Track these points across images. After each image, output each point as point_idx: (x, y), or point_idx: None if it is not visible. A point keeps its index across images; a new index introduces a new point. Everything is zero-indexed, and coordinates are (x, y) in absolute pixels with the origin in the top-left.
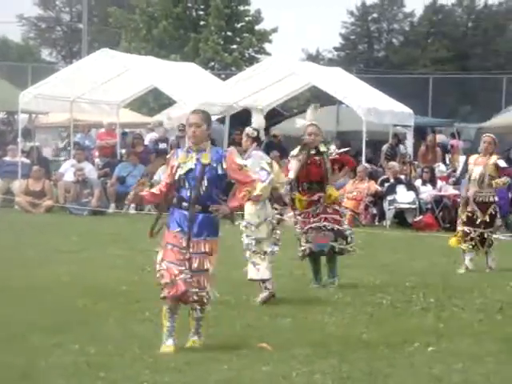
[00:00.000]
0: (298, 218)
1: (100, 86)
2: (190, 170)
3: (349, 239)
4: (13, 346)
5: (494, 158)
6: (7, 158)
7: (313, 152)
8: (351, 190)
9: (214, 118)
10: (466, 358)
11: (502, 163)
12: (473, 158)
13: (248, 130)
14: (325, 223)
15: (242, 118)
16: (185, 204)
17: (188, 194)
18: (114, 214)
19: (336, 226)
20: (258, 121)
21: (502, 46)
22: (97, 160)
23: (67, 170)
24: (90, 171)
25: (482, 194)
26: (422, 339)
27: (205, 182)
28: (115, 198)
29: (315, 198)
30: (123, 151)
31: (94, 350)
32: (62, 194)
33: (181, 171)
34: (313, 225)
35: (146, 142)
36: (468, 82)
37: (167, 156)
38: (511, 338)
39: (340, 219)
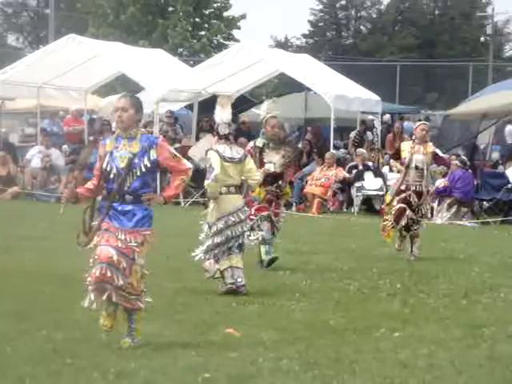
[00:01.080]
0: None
1: (67, 71)
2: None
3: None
4: None
5: (431, 147)
6: None
7: (271, 145)
8: (319, 177)
9: (182, 104)
10: (431, 343)
11: (439, 152)
12: (407, 144)
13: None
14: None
15: (210, 105)
16: (113, 194)
17: (116, 185)
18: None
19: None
20: (222, 113)
21: (469, 34)
22: (64, 146)
23: (34, 157)
24: (58, 157)
25: (420, 182)
26: (388, 325)
27: (136, 172)
28: (83, 185)
29: (268, 189)
30: (91, 138)
31: (61, 336)
32: (28, 180)
33: (116, 162)
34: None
35: (114, 129)
36: (435, 70)
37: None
38: (476, 323)
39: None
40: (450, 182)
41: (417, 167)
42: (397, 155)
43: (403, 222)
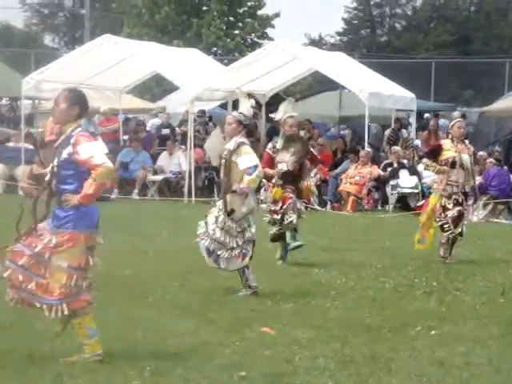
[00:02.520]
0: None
1: (103, 71)
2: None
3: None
4: (17, 331)
5: (470, 146)
6: (10, 144)
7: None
8: (354, 175)
9: (216, 103)
10: (468, 342)
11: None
12: (448, 143)
13: (236, 114)
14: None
15: None
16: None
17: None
18: (117, 200)
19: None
20: (246, 106)
21: (505, 30)
22: None
23: None
24: None
25: (466, 182)
26: (424, 323)
27: (58, 169)
28: (118, 184)
29: (289, 187)
30: (126, 137)
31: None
32: None
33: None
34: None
35: (149, 128)
36: (470, 67)
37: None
38: None
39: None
40: (486, 180)
41: (462, 166)
42: (431, 154)
43: (459, 229)
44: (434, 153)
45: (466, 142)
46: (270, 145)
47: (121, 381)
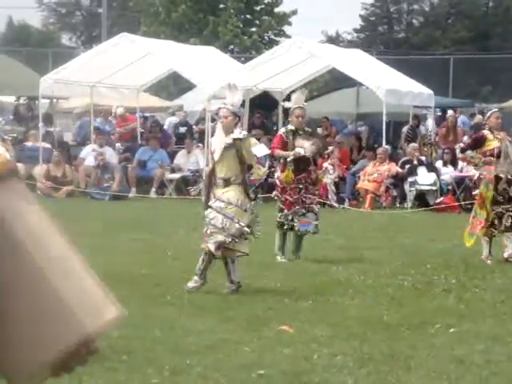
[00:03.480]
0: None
1: (120, 70)
2: None
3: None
4: None
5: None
6: (28, 144)
7: (300, 133)
8: (372, 172)
9: None
10: (487, 339)
11: None
12: (490, 134)
13: (230, 107)
14: (310, 205)
15: (261, 102)
16: None
17: None
18: (134, 199)
19: (316, 207)
20: (234, 98)
21: None
22: (117, 144)
23: (88, 155)
24: (111, 156)
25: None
26: (443, 320)
27: None
28: (136, 183)
29: (301, 177)
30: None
31: (117, 333)
32: (82, 178)
33: None
34: (299, 207)
35: (166, 127)
36: (489, 63)
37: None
38: None
39: (318, 200)
40: None
41: (506, 155)
42: (474, 145)
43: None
44: (478, 144)
45: (502, 132)
46: (283, 129)
47: (140, 379)
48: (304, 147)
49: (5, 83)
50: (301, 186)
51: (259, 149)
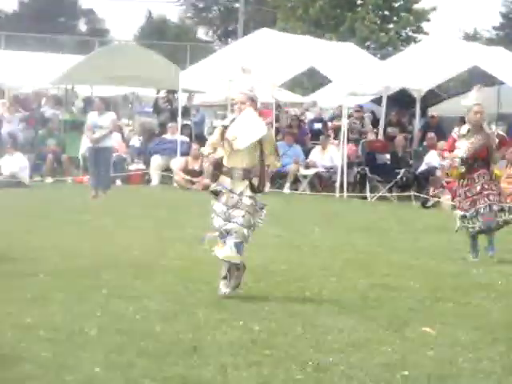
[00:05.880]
0: (461, 193)
1: (258, 65)
2: None
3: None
4: (181, 321)
5: None
6: (167, 136)
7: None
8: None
9: (368, 98)
10: None
11: None
12: None
13: (247, 91)
14: (490, 202)
15: (399, 99)
16: None
17: None
18: (269, 194)
19: (498, 203)
20: (249, 82)
21: None
22: None
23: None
24: None
25: None
26: None
27: None
28: (271, 178)
29: (480, 173)
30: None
31: (258, 327)
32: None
33: None
34: (481, 205)
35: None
36: None
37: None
38: None
39: (499, 194)
40: None
41: None
42: None
43: None
44: None
45: None
46: (456, 129)
47: (284, 375)
48: (462, 148)
49: (146, 76)
50: (477, 185)
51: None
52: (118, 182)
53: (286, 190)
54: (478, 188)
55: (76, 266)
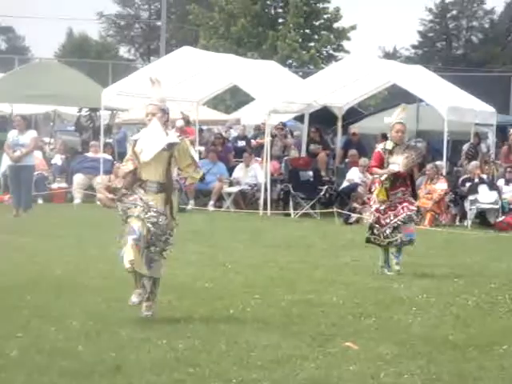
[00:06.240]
0: (380, 208)
1: (180, 83)
2: None
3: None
4: (104, 339)
5: None
6: (89, 154)
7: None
8: (427, 190)
9: (290, 116)
10: None
11: None
12: None
13: (158, 102)
14: (409, 213)
15: (320, 116)
16: None
17: None
18: (193, 211)
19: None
20: (159, 93)
21: None
22: None
23: None
24: None
25: None
26: (511, 341)
27: None
28: (194, 195)
29: (399, 191)
30: (201, 148)
31: (182, 345)
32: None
33: None
34: (400, 217)
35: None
36: None
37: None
38: None
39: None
40: None
41: None
42: None
43: None
44: None
45: None
46: (381, 145)
47: None
48: (398, 162)
49: (68, 94)
50: (397, 201)
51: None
52: (40, 201)
53: (210, 207)
54: (398, 204)
55: None
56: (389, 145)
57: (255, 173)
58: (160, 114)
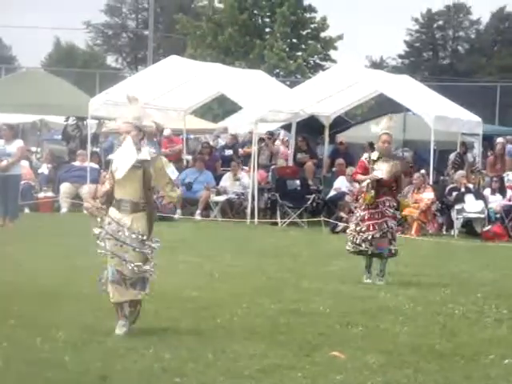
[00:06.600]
0: (361, 215)
1: (168, 92)
2: None
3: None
4: (90, 349)
5: None
6: (76, 163)
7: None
8: (415, 199)
9: (278, 124)
10: None
11: None
12: None
13: (132, 120)
14: (386, 229)
15: (307, 126)
16: None
17: None
18: (180, 220)
19: (394, 231)
20: (135, 111)
21: None
22: None
23: None
24: None
25: None
26: (497, 351)
27: None
28: (182, 204)
29: (385, 199)
30: (189, 157)
31: (169, 355)
32: None
33: None
34: (375, 232)
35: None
36: None
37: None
38: None
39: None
40: None
41: None
42: None
43: None
44: None
45: None
46: (366, 155)
47: None
48: (382, 169)
49: (55, 103)
50: (379, 210)
51: (170, 171)
52: (27, 210)
53: (197, 216)
54: (380, 213)
55: None
56: (374, 155)
57: (242, 182)
58: (135, 132)
